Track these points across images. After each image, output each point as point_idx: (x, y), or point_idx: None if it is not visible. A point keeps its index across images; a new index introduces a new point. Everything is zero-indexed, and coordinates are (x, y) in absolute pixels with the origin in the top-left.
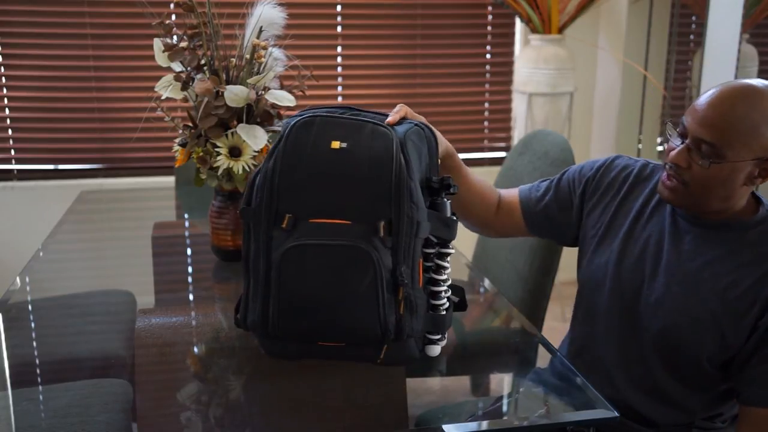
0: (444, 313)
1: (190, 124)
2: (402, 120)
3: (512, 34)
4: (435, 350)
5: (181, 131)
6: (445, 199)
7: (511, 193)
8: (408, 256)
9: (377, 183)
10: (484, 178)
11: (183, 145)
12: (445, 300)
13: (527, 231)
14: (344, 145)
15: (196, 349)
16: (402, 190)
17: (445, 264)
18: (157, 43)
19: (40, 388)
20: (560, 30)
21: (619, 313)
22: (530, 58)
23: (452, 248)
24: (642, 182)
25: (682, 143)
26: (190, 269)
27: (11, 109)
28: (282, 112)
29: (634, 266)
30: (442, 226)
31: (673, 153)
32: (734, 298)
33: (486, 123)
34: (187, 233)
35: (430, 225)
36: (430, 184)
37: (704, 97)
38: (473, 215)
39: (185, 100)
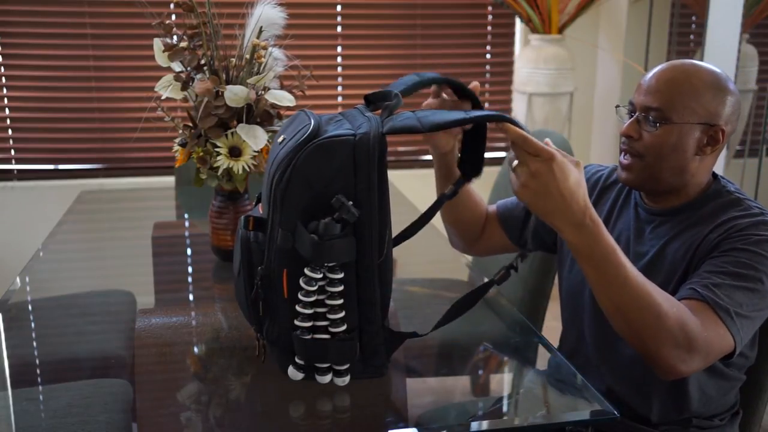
0: (304, 337)
1: (190, 124)
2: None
3: (512, 34)
4: (294, 375)
5: (181, 131)
6: (334, 221)
7: (491, 210)
8: (269, 258)
9: (272, 179)
10: (479, 182)
11: (183, 145)
12: (304, 328)
13: (509, 241)
14: (284, 137)
15: (196, 349)
16: (275, 191)
17: (309, 288)
18: (157, 43)
19: (40, 388)
20: (560, 30)
21: (601, 315)
22: (530, 58)
23: (336, 276)
24: (611, 185)
25: (632, 118)
26: (190, 269)
27: (11, 109)
28: (282, 112)
29: None
30: (307, 245)
31: (624, 127)
32: (688, 262)
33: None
34: (187, 233)
35: (294, 238)
36: (331, 201)
37: (648, 74)
38: (465, 231)
39: (185, 100)
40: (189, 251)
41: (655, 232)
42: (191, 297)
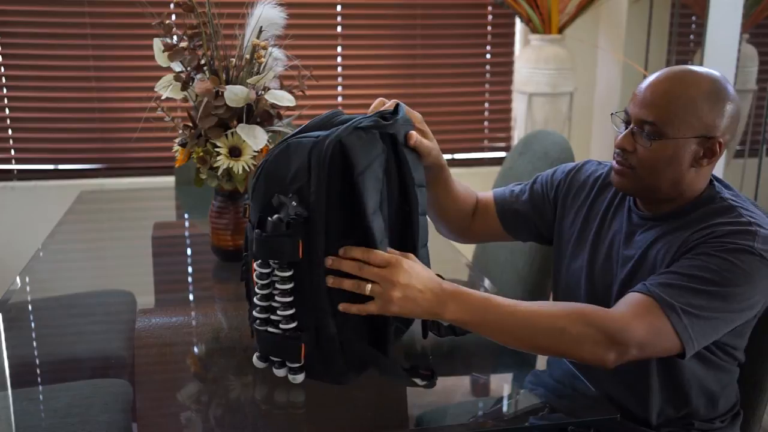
0: (259, 328)
1: (190, 124)
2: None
3: (512, 34)
4: (257, 363)
5: (181, 131)
6: (280, 220)
7: (487, 196)
8: (248, 247)
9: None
10: (479, 178)
11: (183, 145)
12: (260, 319)
13: (503, 231)
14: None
15: (196, 349)
16: (251, 183)
17: (260, 281)
18: (157, 43)
19: (40, 388)
20: (560, 30)
21: None
22: (530, 58)
23: (284, 273)
24: (609, 185)
25: (627, 129)
26: (190, 269)
27: (11, 109)
28: (282, 112)
29: (603, 267)
30: (253, 239)
31: (618, 138)
32: (668, 264)
33: (486, 123)
34: (187, 233)
35: (251, 232)
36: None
37: (644, 83)
38: (452, 223)
39: (185, 100)
40: (189, 251)
41: (643, 236)
42: (191, 297)
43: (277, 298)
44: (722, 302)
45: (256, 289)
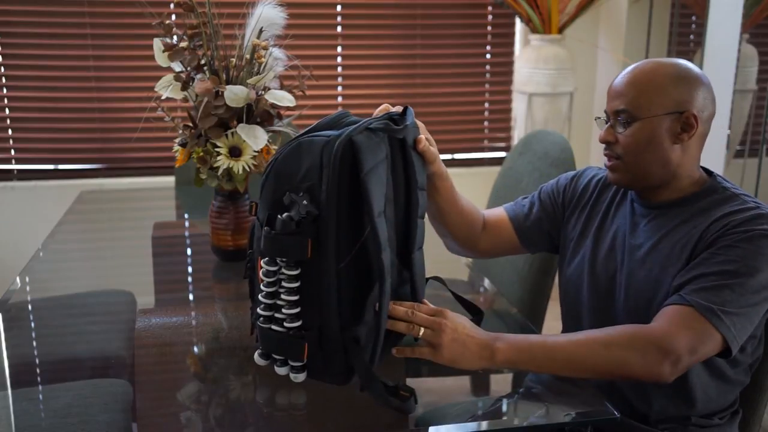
0: (263, 325)
1: (190, 124)
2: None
3: (512, 34)
4: (258, 360)
5: (181, 131)
6: (290, 218)
7: (497, 213)
8: (254, 244)
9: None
10: (479, 179)
11: (183, 145)
12: (264, 316)
13: (519, 244)
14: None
15: (196, 349)
16: (261, 181)
17: (266, 279)
18: (157, 43)
19: (40, 388)
20: (560, 30)
21: (599, 307)
22: (530, 58)
23: (291, 272)
24: (609, 185)
25: (607, 125)
26: (190, 269)
27: (11, 109)
28: (282, 112)
29: (605, 259)
30: (261, 236)
31: (600, 134)
32: (687, 255)
33: (486, 123)
34: (187, 233)
35: (259, 230)
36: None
37: (614, 81)
38: (459, 237)
39: (185, 100)
40: (189, 251)
41: (650, 225)
42: (191, 297)
43: (283, 296)
44: (752, 292)
45: (262, 287)
